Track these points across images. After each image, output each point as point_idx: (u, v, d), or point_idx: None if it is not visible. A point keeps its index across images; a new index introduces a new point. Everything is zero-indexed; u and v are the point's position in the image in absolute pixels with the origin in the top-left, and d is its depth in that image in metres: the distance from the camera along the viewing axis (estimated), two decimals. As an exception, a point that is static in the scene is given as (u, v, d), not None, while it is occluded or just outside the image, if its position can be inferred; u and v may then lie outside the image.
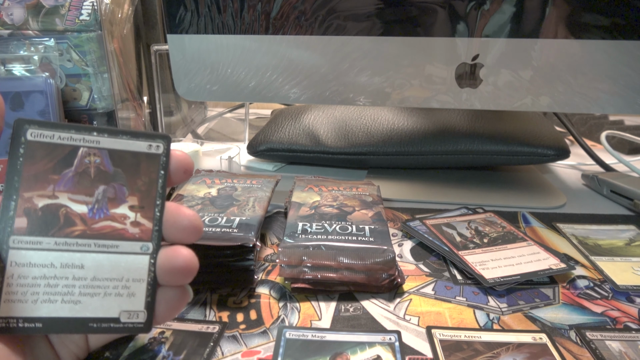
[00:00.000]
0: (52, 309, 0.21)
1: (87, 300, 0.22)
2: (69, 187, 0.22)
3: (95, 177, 0.23)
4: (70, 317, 0.22)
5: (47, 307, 0.21)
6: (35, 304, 0.21)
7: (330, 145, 0.56)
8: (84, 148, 0.23)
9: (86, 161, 0.23)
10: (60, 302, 0.21)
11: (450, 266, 0.37)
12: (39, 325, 0.21)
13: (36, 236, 0.22)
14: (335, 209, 0.38)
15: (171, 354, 0.26)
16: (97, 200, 0.23)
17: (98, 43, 0.52)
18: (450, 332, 0.29)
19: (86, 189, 0.23)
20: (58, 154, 0.22)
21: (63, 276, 0.22)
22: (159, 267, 0.23)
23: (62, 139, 0.22)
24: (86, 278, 0.22)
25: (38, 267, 0.21)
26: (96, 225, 0.22)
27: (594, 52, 0.46)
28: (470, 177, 0.56)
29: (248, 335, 0.28)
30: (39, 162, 0.22)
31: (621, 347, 0.28)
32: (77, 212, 0.22)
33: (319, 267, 0.32)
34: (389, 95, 0.51)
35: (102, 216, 0.23)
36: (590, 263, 0.38)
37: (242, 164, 0.60)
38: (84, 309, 0.22)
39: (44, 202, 0.22)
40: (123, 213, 0.23)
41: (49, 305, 0.21)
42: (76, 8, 0.52)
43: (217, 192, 0.40)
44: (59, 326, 0.22)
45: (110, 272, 0.22)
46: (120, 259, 0.22)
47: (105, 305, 0.22)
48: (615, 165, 0.60)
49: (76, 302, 0.22)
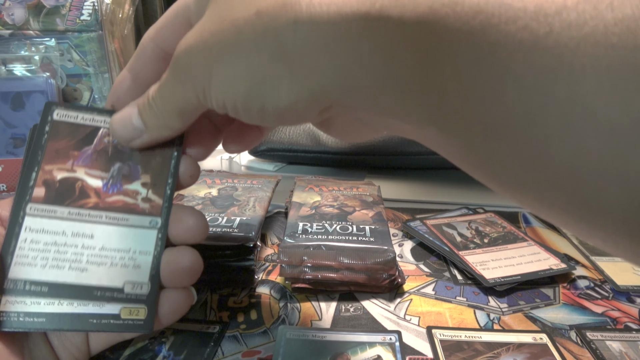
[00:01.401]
0: (59, 274, 0.22)
1: (94, 269, 0.22)
2: (87, 163, 0.24)
3: (112, 155, 0.24)
4: (76, 284, 0.22)
5: (55, 272, 0.22)
6: (43, 268, 0.22)
7: (330, 146, 0.56)
8: (104, 129, 0.24)
9: (105, 141, 0.24)
10: (67, 268, 0.22)
11: (450, 266, 0.37)
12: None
13: (52, 205, 0.23)
14: (336, 209, 0.38)
15: (172, 354, 0.26)
16: (112, 176, 0.24)
17: (99, 43, 0.52)
18: (451, 332, 0.29)
19: (103, 166, 0.24)
20: (80, 133, 0.24)
21: (73, 244, 0.22)
22: (163, 268, 0.23)
23: (85, 120, 0.24)
24: (95, 247, 0.23)
25: (50, 234, 0.22)
26: (109, 199, 0.23)
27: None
28: (470, 177, 0.56)
29: (248, 335, 0.28)
30: (62, 139, 0.24)
31: (622, 347, 0.28)
32: (92, 186, 0.23)
33: (320, 267, 0.32)
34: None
35: (115, 191, 0.24)
36: (590, 263, 0.38)
37: (243, 164, 0.60)
38: (90, 276, 0.22)
39: (62, 175, 0.23)
40: (135, 189, 0.24)
41: (56, 270, 0.22)
42: (77, 8, 0.52)
43: (218, 192, 0.40)
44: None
45: (119, 243, 0.23)
46: (129, 231, 0.23)
47: (111, 274, 0.22)
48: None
49: (83, 269, 0.22)
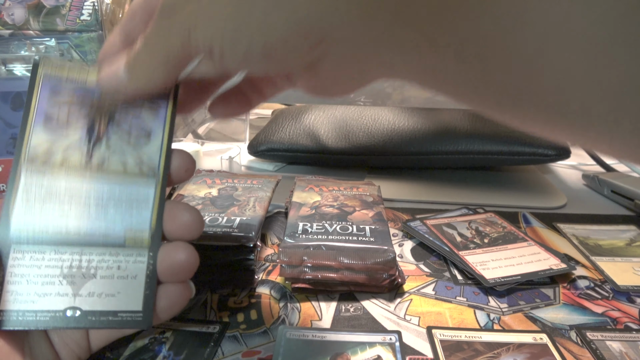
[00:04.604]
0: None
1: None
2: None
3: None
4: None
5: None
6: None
7: (330, 146, 0.56)
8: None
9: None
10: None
11: (450, 266, 0.37)
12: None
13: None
14: (336, 209, 0.38)
15: (172, 354, 0.26)
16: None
17: (99, 43, 0.52)
18: (451, 333, 0.29)
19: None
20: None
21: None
22: (159, 264, 0.23)
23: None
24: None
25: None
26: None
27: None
28: (470, 177, 0.56)
29: (248, 335, 0.28)
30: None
31: (622, 347, 0.28)
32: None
33: (320, 267, 0.32)
34: (390, 95, 0.51)
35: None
36: (590, 263, 0.38)
37: (243, 164, 0.60)
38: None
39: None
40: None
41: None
42: (77, 8, 0.52)
43: (218, 192, 0.40)
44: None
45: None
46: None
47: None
48: (616, 166, 0.60)
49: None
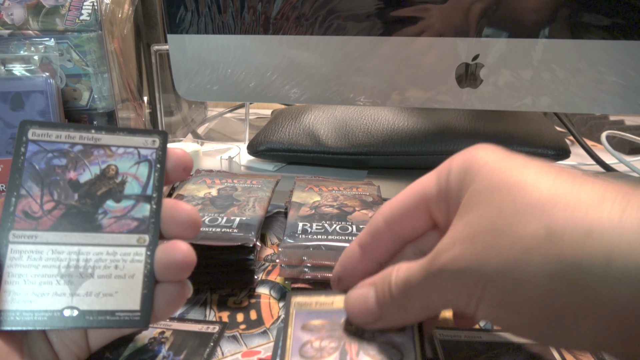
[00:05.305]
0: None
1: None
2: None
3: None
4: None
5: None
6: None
7: (330, 146, 0.56)
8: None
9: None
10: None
11: (450, 266, 0.37)
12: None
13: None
14: (336, 209, 0.38)
15: (171, 354, 0.26)
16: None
17: (98, 43, 0.52)
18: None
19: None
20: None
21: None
22: (157, 263, 0.23)
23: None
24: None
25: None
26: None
27: (594, 52, 0.46)
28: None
29: (248, 335, 0.28)
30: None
31: (621, 347, 0.28)
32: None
33: (319, 267, 0.32)
34: (389, 95, 0.51)
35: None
36: (590, 263, 0.37)
37: (243, 164, 0.60)
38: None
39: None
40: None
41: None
42: (76, 8, 0.52)
43: (217, 192, 0.40)
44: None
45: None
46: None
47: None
48: (616, 166, 0.60)
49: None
